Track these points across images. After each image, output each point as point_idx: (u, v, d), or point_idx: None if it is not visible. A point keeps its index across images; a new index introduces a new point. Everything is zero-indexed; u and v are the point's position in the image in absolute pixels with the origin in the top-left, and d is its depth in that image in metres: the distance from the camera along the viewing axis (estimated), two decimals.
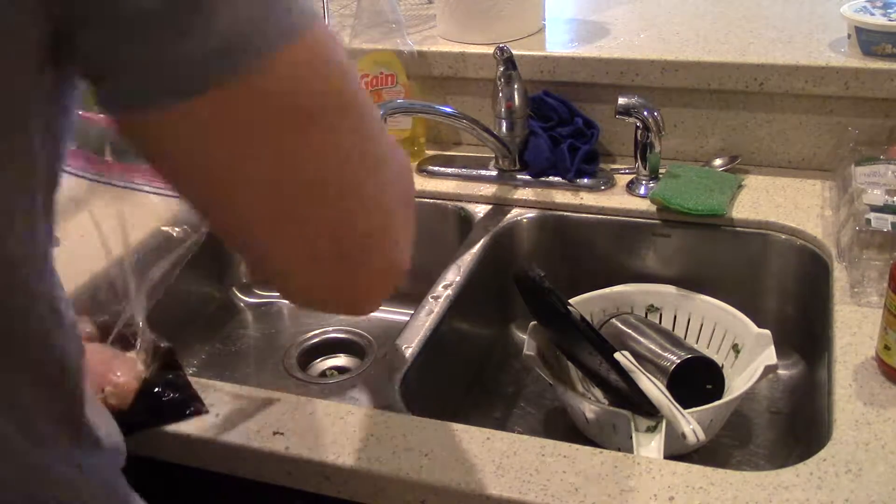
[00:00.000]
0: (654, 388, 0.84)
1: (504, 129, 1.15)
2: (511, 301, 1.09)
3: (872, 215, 0.92)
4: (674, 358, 0.92)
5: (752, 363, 0.93)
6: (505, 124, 1.15)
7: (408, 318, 0.95)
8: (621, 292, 1.06)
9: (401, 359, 0.88)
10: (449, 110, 1.15)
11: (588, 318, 0.97)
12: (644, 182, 1.11)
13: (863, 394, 0.77)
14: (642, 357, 0.93)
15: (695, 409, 0.84)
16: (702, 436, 0.81)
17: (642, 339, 0.97)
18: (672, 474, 0.70)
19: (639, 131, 1.09)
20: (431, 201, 1.18)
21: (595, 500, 0.67)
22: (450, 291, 0.99)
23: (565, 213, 1.12)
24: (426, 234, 1.16)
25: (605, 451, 0.73)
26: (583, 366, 0.97)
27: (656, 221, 1.09)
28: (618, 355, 0.86)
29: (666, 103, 1.15)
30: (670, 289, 1.05)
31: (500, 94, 1.13)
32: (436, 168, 1.21)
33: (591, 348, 0.88)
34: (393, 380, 0.85)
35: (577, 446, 0.73)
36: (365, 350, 1.16)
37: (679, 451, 0.85)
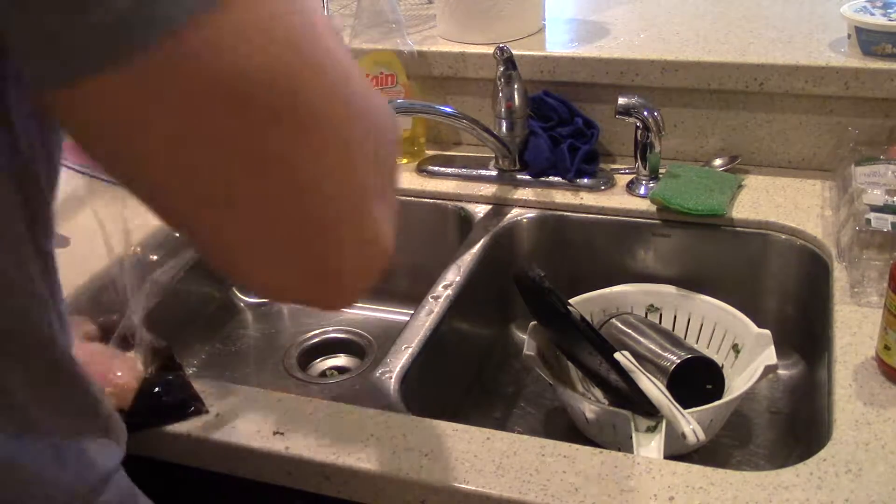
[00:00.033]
0: (654, 388, 0.84)
1: (504, 129, 1.15)
2: (511, 301, 1.09)
3: (872, 215, 0.92)
4: (674, 358, 0.92)
5: (752, 363, 0.93)
6: (505, 124, 1.15)
7: (408, 318, 0.95)
8: (621, 292, 1.06)
9: (401, 359, 0.88)
10: (449, 110, 1.15)
11: (588, 318, 0.97)
12: (644, 182, 1.11)
13: (863, 394, 0.77)
14: (642, 357, 0.93)
15: (695, 409, 0.84)
16: (702, 436, 0.81)
17: (642, 339, 0.97)
18: (672, 474, 0.70)
19: (639, 131, 1.09)
20: (431, 201, 1.18)
21: (595, 500, 0.67)
22: (450, 291, 0.99)
23: (565, 213, 1.12)
24: (426, 234, 1.19)
25: (605, 451, 0.73)
26: (583, 366, 0.97)
27: (656, 221, 1.09)
28: (618, 355, 0.86)
29: (666, 103, 1.15)
30: (670, 289, 1.05)
31: (500, 94, 1.13)
32: (436, 168, 1.21)
33: (591, 348, 0.88)
34: (393, 380, 0.85)
35: (577, 446, 0.73)
36: (365, 350, 1.16)
37: (679, 451, 0.85)
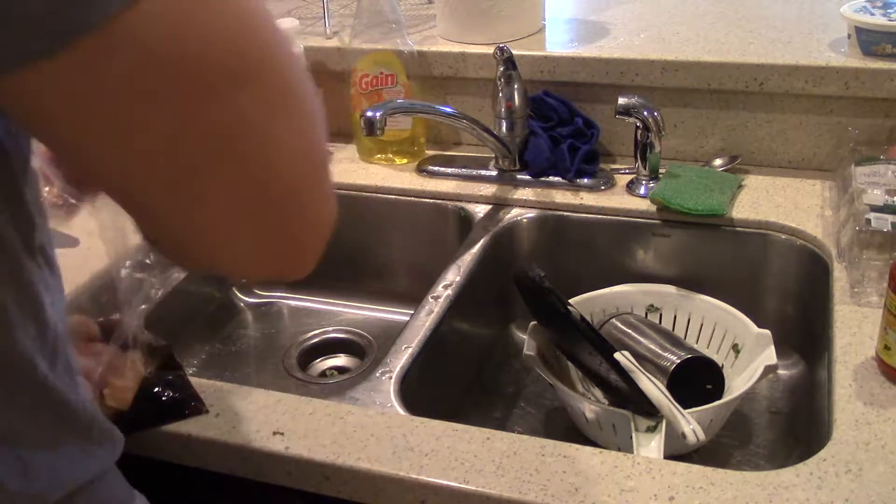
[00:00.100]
0: (654, 388, 0.84)
1: (504, 129, 1.15)
2: (511, 301, 1.09)
3: (872, 215, 0.92)
4: (674, 358, 0.92)
5: (752, 363, 0.93)
6: (505, 124, 1.15)
7: (408, 318, 0.95)
8: (621, 292, 1.06)
9: (401, 359, 0.88)
10: (449, 110, 1.15)
11: (588, 318, 0.97)
12: (644, 182, 1.11)
13: (863, 394, 0.77)
14: (642, 357, 0.93)
15: (695, 409, 0.84)
16: (702, 436, 0.81)
17: (642, 339, 0.97)
18: (672, 474, 0.70)
19: (639, 131, 1.09)
20: (431, 201, 1.18)
21: (595, 500, 0.67)
22: (450, 291, 0.99)
23: (565, 213, 1.12)
24: (426, 234, 1.19)
25: (605, 451, 0.72)
26: (583, 366, 0.97)
27: (656, 221, 1.09)
28: (618, 355, 0.86)
29: (666, 103, 1.15)
30: (670, 289, 1.05)
31: (500, 94, 1.13)
32: (436, 168, 1.21)
33: (591, 348, 0.88)
34: (393, 380, 0.85)
35: (577, 446, 0.73)
36: (365, 350, 1.16)
37: (679, 451, 0.85)
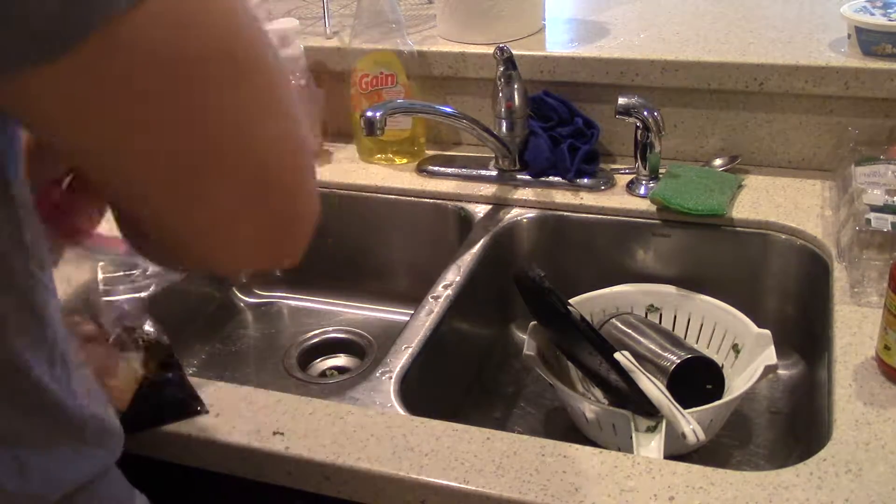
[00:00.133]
0: (654, 388, 0.84)
1: (504, 129, 1.15)
2: (511, 301, 1.09)
3: (872, 215, 0.92)
4: (674, 358, 0.92)
5: (752, 363, 0.93)
6: (505, 124, 1.15)
7: (408, 318, 0.95)
8: (621, 292, 1.06)
9: (401, 359, 0.88)
10: (449, 110, 1.15)
11: (588, 318, 0.97)
12: (644, 182, 1.11)
13: (863, 394, 0.77)
14: (642, 357, 0.93)
15: (695, 409, 0.84)
16: (702, 436, 0.81)
17: (642, 339, 0.97)
18: (672, 474, 0.70)
19: (639, 131, 1.09)
20: (431, 201, 1.18)
21: (595, 500, 0.67)
22: (450, 291, 0.99)
23: (565, 213, 1.12)
24: (426, 234, 1.19)
25: (605, 451, 0.73)
26: (583, 366, 0.97)
27: (656, 221, 1.09)
28: (618, 355, 0.86)
29: (666, 103, 1.15)
30: (670, 289, 1.05)
31: (500, 94, 1.13)
32: (436, 168, 1.21)
33: (591, 348, 0.88)
34: (393, 380, 0.85)
35: (577, 446, 0.73)
36: (365, 350, 1.16)
37: (679, 451, 0.85)
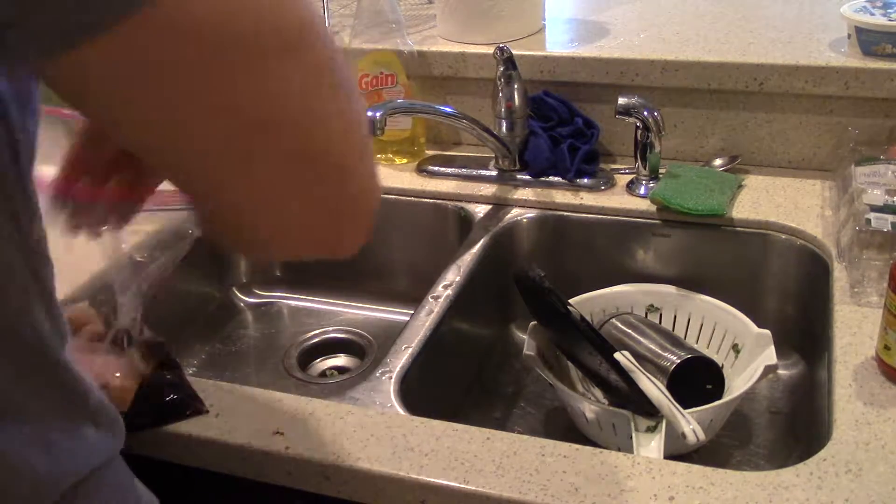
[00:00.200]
0: (654, 388, 0.84)
1: (504, 129, 1.15)
2: (511, 301, 1.09)
3: (872, 215, 0.92)
4: (674, 358, 0.92)
5: (752, 363, 0.93)
6: (505, 124, 1.15)
7: (408, 318, 0.95)
8: (621, 292, 1.06)
9: (401, 359, 0.88)
10: (449, 110, 1.15)
11: (588, 318, 0.97)
12: (644, 182, 1.11)
13: (863, 394, 0.77)
14: (642, 357, 0.93)
15: (695, 409, 0.84)
16: (702, 436, 0.81)
17: (642, 339, 0.97)
18: (672, 474, 0.70)
19: (639, 131, 1.09)
20: (431, 201, 1.18)
21: (595, 500, 0.67)
22: (450, 291, 0.99)
23: (565, 213, 1.12)
24: (426, 234, 1.19)
25: (605, 451, 0.72)
26: (583, 366, 0.97)
27: (656, 221, 1.09)
28: (618, 355, 0.86)
29: (666, 103, 1.15)
30: (670, 289, 1.05)
31: (500, 94, 1.13)
32: (436, 168, 1.21)
33: (591, 348, 0.88)
34: (393, 380, 0.85)
35: (577, 446, 0.73)
36: (365, 350, 1.16)
37: (679, 451, 0.85)
